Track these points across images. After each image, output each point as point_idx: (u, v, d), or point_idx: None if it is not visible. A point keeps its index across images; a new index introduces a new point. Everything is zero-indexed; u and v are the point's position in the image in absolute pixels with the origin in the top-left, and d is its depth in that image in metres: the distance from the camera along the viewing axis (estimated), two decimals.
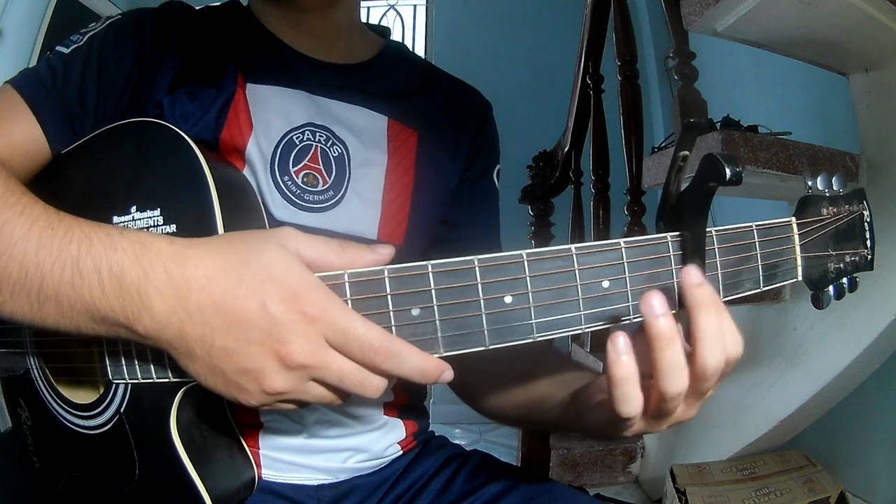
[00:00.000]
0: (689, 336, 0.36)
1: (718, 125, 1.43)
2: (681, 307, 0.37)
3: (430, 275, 0.37)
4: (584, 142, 1.86)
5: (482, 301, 0.37)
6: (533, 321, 0.38)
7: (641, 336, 0.36)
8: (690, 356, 0.36)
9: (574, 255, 0.38)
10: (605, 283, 0.38)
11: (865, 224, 0.45)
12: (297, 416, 0.59)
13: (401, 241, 0.63)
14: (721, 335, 0.36)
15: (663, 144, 1.62)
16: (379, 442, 0.64)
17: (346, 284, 0.38)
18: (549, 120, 2.16)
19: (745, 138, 1.16)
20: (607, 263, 0.38)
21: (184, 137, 0.47)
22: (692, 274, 0.35)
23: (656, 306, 0.34)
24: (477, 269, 0.37)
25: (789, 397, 1.34)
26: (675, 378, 0.35)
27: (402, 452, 0.67)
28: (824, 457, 1.41)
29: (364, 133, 0.63)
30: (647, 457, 1.79)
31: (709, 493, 1.34)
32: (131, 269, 0.36)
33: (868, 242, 0.44)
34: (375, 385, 0.37)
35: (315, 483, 0.61)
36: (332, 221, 0.59)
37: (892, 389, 1.34)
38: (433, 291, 0.37)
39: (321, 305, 0.35)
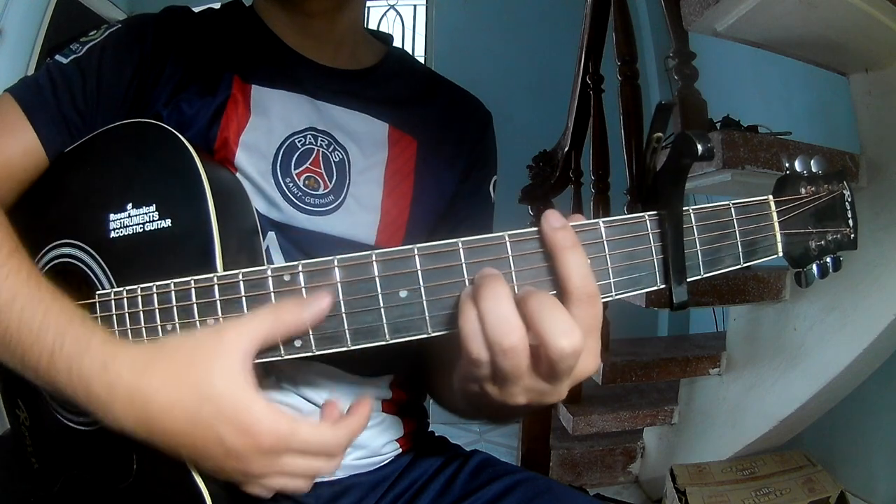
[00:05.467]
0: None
1: (718, 125, 1.43)
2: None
3: (417, 257, 0.38)
4: (584, 142, 1.86)
5: (467, 282, 0.38)
6: None
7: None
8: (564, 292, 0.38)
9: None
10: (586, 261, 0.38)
11: (847, 203, 0.45)
12: (295, 411, 0.59)
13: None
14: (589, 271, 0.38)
15: (664, 145, 1.62)
16: (377, 439, 0.64)
17: (336, 269, 0.39)
18: (549, 120, 2.15)
19: (745, 138, 1.16)
20: (587, 242, 0.39)
21: (179, 137, 0.47)
22: (552, 217, 0.38)
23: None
24: (461, 250, 0.38)
25: (789, 397, 1.34)
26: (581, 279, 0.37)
27: (400, 451, 0.67)
28: (824, 457, 1.41)
29: (365, 139, 0.63)
30: (647, 457, 1.79)
31: (709, 493, 1.34)
32: (97, 382, 0.40)
33: (850, 221, 0.45)
34: (335, 464, 0.44)
35: None
36: (332, 226, 0.59)
37: (892, 389, 1.34)
38: (419, 273, 0.38)
39: (272, 437, 0.39)
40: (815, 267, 0.44)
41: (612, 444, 1.80)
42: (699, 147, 0.36)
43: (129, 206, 0.47)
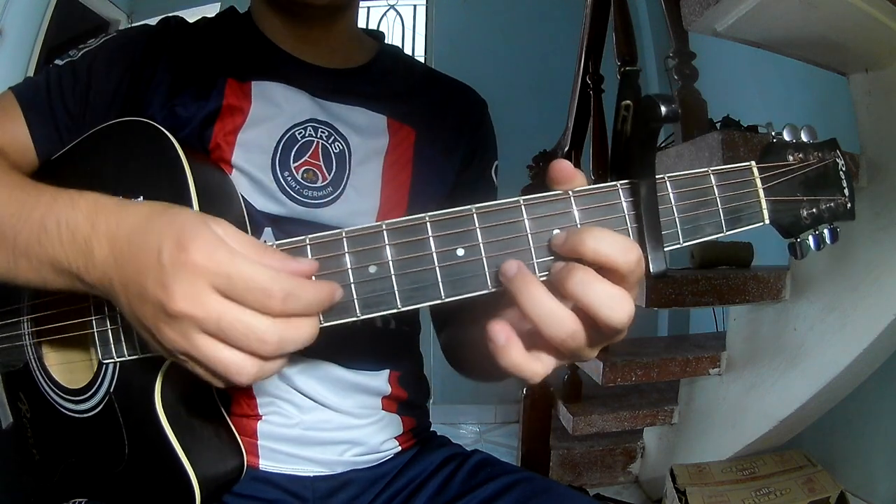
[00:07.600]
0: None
1: (718, 125, 1.43)
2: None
3: (385, 232, 0.38)
4: (584, 142, 1.86)
5: (435, 255, 0.38)
6: (486, 272, 0.38)
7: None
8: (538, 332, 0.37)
9: (522, 206, 0.38)
10: (556, 232, 0.38)
11: (840, 172, 0.43)
12: (294, 407, 0.60)
13: None
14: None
15: (663, 144, 1.62)
16: (376, 436, 0.64)
17: (308, 247, 0.39)
18: (549, 120, 2.16)
19: (745, 138, 1.16)
20: (557, 213, 0.38)
21: (164, 133, 0.49)
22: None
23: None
24: (428, 224, 0.38)
25: (789, 397, 1.34)
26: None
27: (400, 449, 0.67)
28: (824, 457, 1.41)
29: (364, 130, 0.64)
30: (647, 457, 1.79)
31: (709, 493, 1.34)
32: (83, 223, 0.40)
33: (846, 191, 0.43)
34: (262, 331, 0.35)
35: (311, 475, 0.61)
36: (330, 216, 0.60)
37: (892, 389, 1.34)
38: (388, 248, 0.38)
39: (206, 251, 0.34)
40: (811, 238, 0.43)
41: (612, 444, 1.80)
42: (663, 108, 0.35)
43: (119, 199, 0.48)
